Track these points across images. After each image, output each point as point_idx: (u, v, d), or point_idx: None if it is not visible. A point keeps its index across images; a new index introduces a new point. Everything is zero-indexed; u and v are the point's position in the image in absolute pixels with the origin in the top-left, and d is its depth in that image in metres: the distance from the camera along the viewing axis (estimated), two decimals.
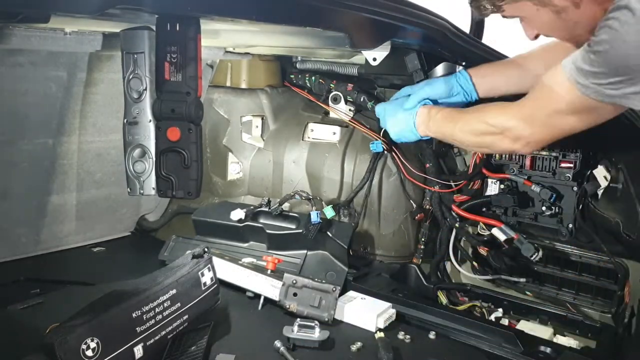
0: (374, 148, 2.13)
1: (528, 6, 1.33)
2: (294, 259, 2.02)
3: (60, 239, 2.21)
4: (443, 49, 1.80)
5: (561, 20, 1.33)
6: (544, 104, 1.39)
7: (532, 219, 1.98)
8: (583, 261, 1.93)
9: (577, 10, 1.28)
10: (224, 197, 2.46)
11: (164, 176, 1.48)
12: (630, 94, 1.18)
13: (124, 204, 2.37)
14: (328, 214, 2.12)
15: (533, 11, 1.34)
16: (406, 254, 2.22)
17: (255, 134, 2.42)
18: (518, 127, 1.46)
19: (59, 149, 2.06)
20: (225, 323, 1.67)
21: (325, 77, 2.31)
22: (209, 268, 1.61)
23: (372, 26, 1.60)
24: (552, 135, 1.44)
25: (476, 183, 2.04)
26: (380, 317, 1.69)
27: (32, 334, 1.38)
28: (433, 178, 2.08)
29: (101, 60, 1.97)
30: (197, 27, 1.40)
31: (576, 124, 1.37)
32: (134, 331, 1.35)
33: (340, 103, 2.26)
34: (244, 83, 2.41)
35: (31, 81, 1.85)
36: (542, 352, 1.60)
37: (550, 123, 1.40)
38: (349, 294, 1.84)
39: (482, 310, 1.94)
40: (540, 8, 1.32)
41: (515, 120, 1.46)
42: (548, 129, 1.42)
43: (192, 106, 1.44)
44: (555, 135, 1.44)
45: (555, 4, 1.29)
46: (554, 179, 1.91)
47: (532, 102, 1.44)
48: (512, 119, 1.47)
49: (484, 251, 1.98)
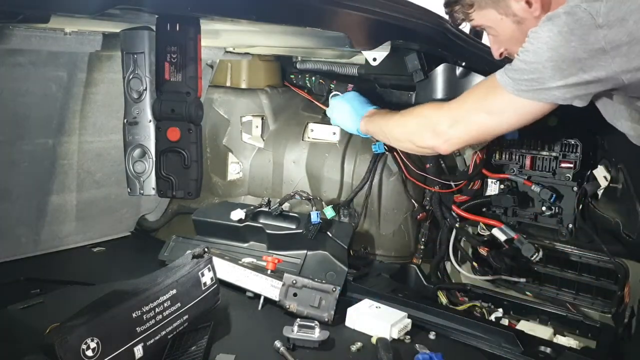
0: (376, 149, 2.13)
1: (493, 14, 1.47)
2: (294, 259, 2.02)
3: (60, 239, 2.20)
4: (443, 49, 1.80)
5: (521, 32, 1.44)
6: (472, 104, 1.52)
7: (532, 219, 1.98)
8: (583, 261, 1.94)
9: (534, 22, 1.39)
10: (224, 197, 2.46)
11: (164, 176, 1.48)
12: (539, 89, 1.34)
13: (124, 204, 2.37)
14: (328, 214, 2.12)
15: (497, 20, 1.47)
16: (406, 254, 2.22)
17: (255, 134, 2.42)
18: (443, 123, 1.58)
19: (59, 149, 2.07)
20: (225, 323, 1.67)
21: (325, 77, 2.31)
22: (209, 268, 1.61)
23: (372, 26, 1.60)
24: (471, 134, 1.56)
25: (476, 183, 2.04)
26: (394, 327, 1.65)
27: (32, 334, 1.38)
28: (433, 178, 2.08)
29: (101, 60, 1.97)
30: (197, 27, 1.40)
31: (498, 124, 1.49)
32: (134, 331, 1.35)
33: None
34: (244, 83, 2.41)
35: (31, 81, 1.85)
36: (542, 352, 1.60)
37: (473, 121, 1.52)
38: (363, 301, 1.80)
39: (482, 311, 1.94)
40: (503, 17, 1.46)
41: (444, 116, 1.58)
42: (469, 127, 1.54)
43: (192, 106, 1.44)
44: (474, 136, 1.57)
45: (516, 14, 1.43)
46: (554, 179, 1.91)
47: (461, 102, 1.56)
48: (441, 116, 1.60)
49: (484, 251, 1.98)
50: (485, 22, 1.51)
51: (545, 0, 1.40)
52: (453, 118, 1.56)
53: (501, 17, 1.45)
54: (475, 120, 1.52)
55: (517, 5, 1.41)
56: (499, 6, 1.44)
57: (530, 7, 1.41)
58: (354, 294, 1.89)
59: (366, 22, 1.55)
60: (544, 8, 1.40)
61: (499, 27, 1.50)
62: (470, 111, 1.53)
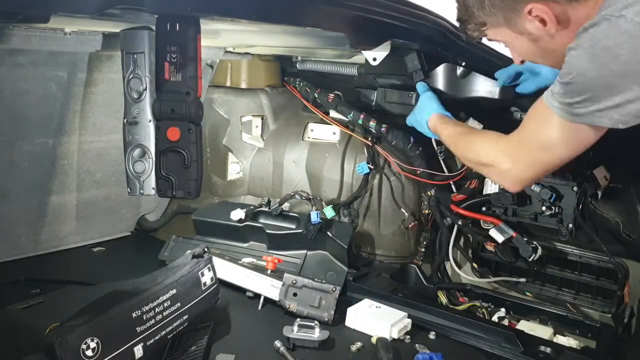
0: (360, 170, 2.17)
1: (507, 33, 1.39)
2: (294, 259, 2.02)
3: (60, 239, 2.21)
4: (443, 49, 1.80)
5: (538, 48, 1.38)
6: (528, 138, 1.41)
7: (532, 218, 1.98)
8: (583, 261, 1.94)
9: (552, 40, 1.33)
10: (224, 197, 2.46)
11: (164, 176, 1.48)
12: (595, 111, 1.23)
13: (124, 204, 2.37)
14: (328, 214, 2.12)
15: (512, 38, 1.40)
16: (406, 254, 2.23)
17: (255, 134, 2.42)
18: (504, 163, 1.47)
19: (59, 149, 2.07)
20: (225, 323, 1.67)
21: (311, 85, 2.32)
22: (209, 268, 1.61)
23: (372, 26, 1.60)
24: (536, 172, 1.45)
25: (473, 182, 2.04)
26: (394, 327, 1.65)
27: (32, 334, 1.38)
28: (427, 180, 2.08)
29: (101, 60, 1.97)
30: (197, 27, 1.40)
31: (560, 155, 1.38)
32: (134, 331, 1.35)
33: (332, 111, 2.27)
34: (244, 83, 2.41)
35: (31, 81, 1.85)
36: (542, 352, 1.60)
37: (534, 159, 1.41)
38: (363, 301, 1.80)
39: (482, 311, 1.93)
40: (518, 35, 1.38)
41: (503, 155, 1.47)
42: (532, 167, 1.43)
43: (192, 106, 1.44)
44: (539, 172, 1.45)
45: (531, 32, 1.34)
46: (554, 179, 1.91)
47: (518, 137, 1.45)
48: (499, 154, 1.48)
49: (491, 247, 1.98)
50: (500, 38, 1.45)
51: (562, 17, 1.30)
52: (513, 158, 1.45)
53: (515, 35, 1.38)
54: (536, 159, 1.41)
55: (530, 24, 1.33)
56: (512, 25, 1.36)
57: (545, 26, 1.32)
58: (354, 294, 1.89)
59: (366, 22, 1.54)
60: (560, 25, 1.31)
61: (515, 44, 1.43)
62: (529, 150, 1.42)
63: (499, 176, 1.52)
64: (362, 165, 2.17)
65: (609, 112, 1.22)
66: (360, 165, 2.18)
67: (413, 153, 2.08)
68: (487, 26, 1.41)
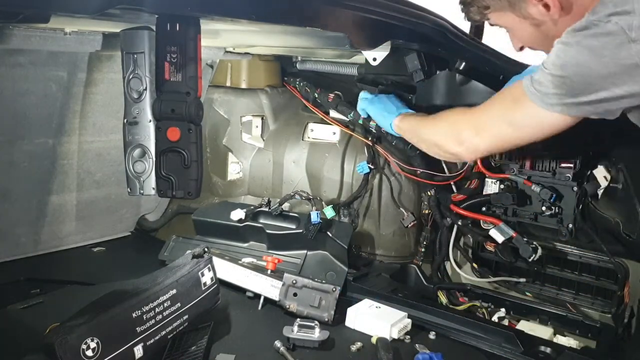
0: (361, 170, 2.17)
1: (511, 17, 1.42)
2: (294, 259, 2.02)
3: (60, 239, 2.21)
4: (443, 49, 1.80)
5: (541, 33, 1.42)
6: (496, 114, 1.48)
7: (532, 219, 1.98)
8: (583, 261, 1.93)
9: (554, 26, 1.36)
10: (224, 197, 2.46)
11: (164, 176, 1.48)
12: (570, 104, 1.30)
13: (124, 204, 2.37)
14: (328, 214, 2.12)
15: (516, 22, 1.43)
16: (406, 254, 2.22)
17: (255, 134, 2.42)
18: (467, 131, 1.54)
19: (59, 149, 2.07)
20: (225, 323, 1.67)
21: (311, 85, 2.32)
22: (209, 268, 1.61)
23: (371, 26, 1.60)
24: (496, 144, 1.53)
25: (473, 182, 2.04)
26: (394, 327, 1.65)
27: (32, 334, 1.38)
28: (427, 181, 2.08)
29: (101, 60, 1.97)
30: (197, 27, 1.40)
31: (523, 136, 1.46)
32: (134, 331, 1.35)
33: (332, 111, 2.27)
34: (244, 83, 2.41)
35: (31, 81, 1.85)
36: (542, 352, 1.60)
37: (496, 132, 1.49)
38: (363, 301, 1.80)
39: (482, 311, 1.93)
40: (521, 20, 1.41)
41: (467, 124, 1.55)
42: (492, 138, 1.51)
43: (192, 106, 1.44)
44: (499, 146, 1.54)
45: (534, 17, 1.38)
46: (554, 179, 1.90)
47: (486, 110, 1.52)
48: (465, 123, 1.56)
49: (491, 247, 1.98)
50: (502, 23, 1.48)
51: (565, 3, 1.35)
52: (477, 127, 1.52)
53: (519, 20, 1.41)
54: (498, 131, 1.48)
55: (534, 9, 1.36)
56: (516, 9, 1.39)
57: (549, 11, 1.35)
58: (354, 294, 1.89)
59: (366, 22, 1.55)
60: (563, 10, 1.35)
61: (517, 29, 1.46)
62: (494, 121, 1.49)
63: (456, 145, 1.58)
64: (362, 165, 2.17)
65: (583, 107, 1.29)
66: (361, 165, 2.18)
67: (413, 153, 2.08)
68: (491, 9, 1.44)
